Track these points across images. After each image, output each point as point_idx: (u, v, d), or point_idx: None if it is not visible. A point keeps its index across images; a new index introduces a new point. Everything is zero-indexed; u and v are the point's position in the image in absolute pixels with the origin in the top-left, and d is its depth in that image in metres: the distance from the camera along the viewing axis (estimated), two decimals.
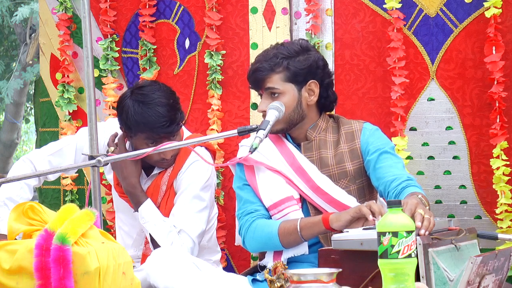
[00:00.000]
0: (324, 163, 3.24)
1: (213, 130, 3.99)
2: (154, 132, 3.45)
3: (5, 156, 12.12)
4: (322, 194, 3.19)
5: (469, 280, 2.37)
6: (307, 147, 3.27)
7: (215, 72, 4.01)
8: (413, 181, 3.13)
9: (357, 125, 3.31)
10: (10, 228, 2.51)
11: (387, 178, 3.15)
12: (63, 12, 4.20)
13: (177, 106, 3.54)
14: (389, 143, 3.29)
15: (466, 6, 3.75)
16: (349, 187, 3.23)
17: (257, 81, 3.27)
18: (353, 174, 3.24)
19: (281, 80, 3.23)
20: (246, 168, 3.31)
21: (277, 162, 3.27)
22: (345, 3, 3.89)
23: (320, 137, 3.28)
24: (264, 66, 3.25)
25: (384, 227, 2.18)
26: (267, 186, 3.25)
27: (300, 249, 3.17)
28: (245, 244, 3.26)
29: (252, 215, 3.24)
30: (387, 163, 3.19)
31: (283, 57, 3.24)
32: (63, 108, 4.19)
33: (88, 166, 3.07)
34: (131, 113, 3.47)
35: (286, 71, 3.23)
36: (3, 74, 11.65)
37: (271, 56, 3.27)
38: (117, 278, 2.45)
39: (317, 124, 3.29)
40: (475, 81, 3.76)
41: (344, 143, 3.27)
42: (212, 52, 4.00)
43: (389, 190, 3.12)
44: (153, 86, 3.55)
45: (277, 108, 3.15)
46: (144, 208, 3.52)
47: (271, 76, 3.24)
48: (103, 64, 4.14)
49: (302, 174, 3.22)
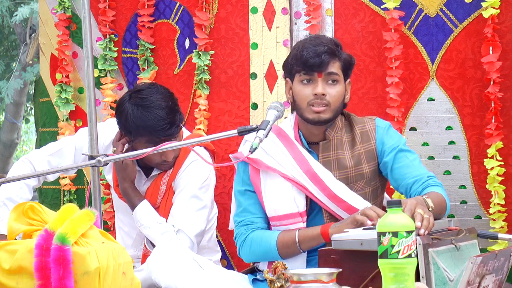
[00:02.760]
0: (341, 165, 3.20)
1: (200, 129, 3.98)
2: (154, 135, 3.43)
3: (5, 156, 12.12)
4: (338, 202, 3.14)
5: (469, 280, 2.37)
6: (325, 147, 3.22)
7: (203, 72, 4.01)
8: (433, 179, 3.13)
9: (370, 124, 3.27)
10: (10, 228, 2.51)
11: (407, 180, 3.14)
12: (63, 12, 4.20)
13: (176, 108, 3.53)
14: (401, 139, 3.27)
15: (466, 6, 3.75)
16: (364, 189, 3.20)
17: (322, 64, 3.14)
18: (369, 176, 3.22)
19: (340, 68, 3.20)
20: (251, 170, 3.25)
21: (290, 168, 3.20)
22: (345, 3, 3.89)
23: (337, 137, 3.23)
24: (331, 49, 3.16)
25: (384, 227, 2.18)
26: (273, 196, 3.20)
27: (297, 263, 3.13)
28: (241, 255, 3.24)
29: (248, 227, 3.21)
30: (404, 162, 3.18)
31: (341, 47, 3.22)
32: (61, 108, 4.19)
33: (88, 166, 3.07)
34: (131, 117, 3.46)
35: (343, 62, 3.21)
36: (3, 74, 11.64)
37: (331, 42, 3.20)
38: (117, 278, 2.45)
39: (335, 123, 3.24)
40: (475, 81, 3.76)
41: (360, 144, 3.23)
42: (200, 52, 4.00)
43: (411, 193, 3.11)
44: (152, 89, 3.54)
45: (277, 108, 3.13)
46: (139, 210, 3.52)
47: (335, 61, 3.18)
48: (102, 64, 4.14)
49: (317, 181, 3.16)
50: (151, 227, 3.48)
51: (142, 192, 3.61)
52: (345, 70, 3.22)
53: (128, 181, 3.55)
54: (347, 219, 2.97)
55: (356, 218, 2.89)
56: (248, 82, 4.00)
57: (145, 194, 3.59)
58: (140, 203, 3.53)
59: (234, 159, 3.33)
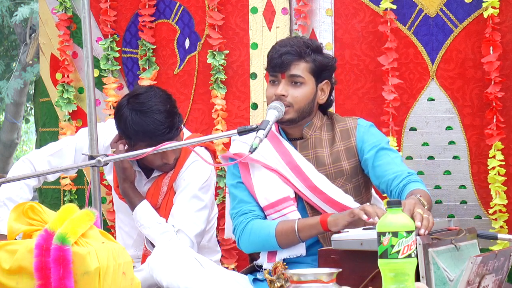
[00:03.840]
0: (320, 162, 3.23)
1: (217, 130, 3.98)
2: (154, 140, 3.40)
3: (5, 156, 12.12)
4: (319, 193, 3.17)
5: (469, 280, 2.37)
6: (303, 146, 3.25)
7: (218, 72, 4.01)
8: (413, 175, 3.13)
9: (351, 122, 3.29)
10: (10, 228, 2.51)
11: (388, 177, 3.14)
12: (63, 12, 4.21)
13: (175, 111, 3.51)
14: (384, 139, 3.27)
15: (466, 6, 3.75)
16: (345, 186, 3.22)
17: (283, 65, 3.17)
18: (350, 172, 3.23)
19: (306, 70, 3.19)
20: (240, 165, 3.28)
21: (273, 160, 3.24)
22: (345, 3, 3.89)
23: (315, 136, 3.26)
24: (295, 50, 3.17)
25: (384, 227, 2.18)
26: (262, 186, 3.22)
27: (296, 251, 3.15)
28: (240, 245, 3.25)
29: (247, 215, 3.22)
30: (385, 160, 3.19)
31: (312, 49, 3.21)
32: (63, 108, 4.19)
33: (88, 166, 3.07)
34: (129, 123, 3.45)
35: (312, 63, 3.20)
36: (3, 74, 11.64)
37: (301, 43, 3.21)
38: (117, 278, 2.45)
39: (312, 123, 3.26)
40: (475, 81, 3.76)
41: (340, 141, 3.25)
42: (214, 52, 4.00)
43: (392, 189, 3.12)
44: (149, 92, 3.52)
45: (277, 108, 3.14)
46: (139, 210, 3.52)
47: (299, 63, 3.18)
48: (104, 64, 4.14)
49: (298, 173, 3.20)
50: (151, 227, 3.48)
51: (143, 193, 3.61)
52: (317, 72, 3.21)
53: (127, 181, 3.55)
54: (346, 211, 2.98)
55: (353, 211, 2.90)
56: (248, 82, 4.00)
57: (146, 195, 3.59)
58: (140, 203, 3.53)
59: (223, 159, 3.39)
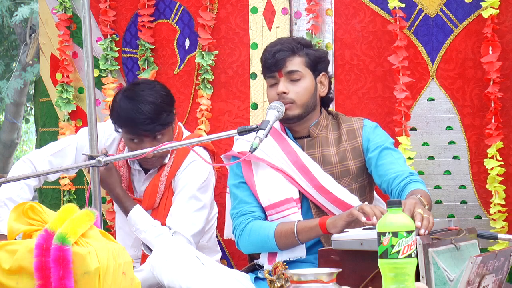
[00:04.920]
0: (326, 161, 3.24)
1: (200, 130, 3.98)
2: (132, 128, 3.44)
3: (5, 156, 12.13)
4: (325, 193, 3.18)
5: (469, 280, 2.37)
6: (309, 144, 3.27)
7: (206, 72, 4.01)
8: (415, 176, 3.14)
9: (357, 122, 3.32)
10: (10, 228, 2.51)
11: (389, 176, 3.16)
12: (63, 12, 4.21)
13: (166, 107, 3.50)
14: (388, 139, 3.30)
15: (466, 6, 3.75)
16: (351, 186, 3.23)
17: (278, 63, 3.21)
18: (356, 172, 3.25)
19: (302, 64, 3.23)
20: (243, 164, 3.28)
21: (279, 159, 3.24)
22: (345, 3, 3.89)
23: (322, 134, 3.28)
24: (287, 46, 3.22)
25: (384, 227, 2.18)
26: (265, 185, 3.23)
27: (297, 253, 3.15)
28: (239, 246, 3.25)
29: (247, 216, 3.22)
30: (388, 159, 3.20)
31: (303, 44, 3.26)
32: (62, 108, 4.19)
33: (88, 166, 3.07)
34: (117, 107, 3.50)
35: (306, 57, 3.24)
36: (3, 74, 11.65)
37: (291, 40, 3.27)
38: (117, 278, 2.45)
39: (319, 121, 3.29)
40: (475, 81, 3.76)
41: (346, 141, 3.27)
42: (203, 52, 4.00)
43: (392, 188, 3.13)
44: (148, 84, 3.55)
45: (277, 108, 3.14)
46: (133, 215, 3.53)
47: (293, 58, 3.23)
48: (103, 64, 4.14)
49: (305, 172, 3.20)
50: (146, 231, 3.49)
51: (141, 192, 3.62)
52: (313, 65, 3.25)
53: (117, 186, 3.55)
54: (344, 212, 2.98)
55: (352, 212, 2.90)
56: (248, 82, 4.00)
57: (144, 194, 3.59)
58: (134, 208, 3.54)
59: (225, 159, 3.40)
